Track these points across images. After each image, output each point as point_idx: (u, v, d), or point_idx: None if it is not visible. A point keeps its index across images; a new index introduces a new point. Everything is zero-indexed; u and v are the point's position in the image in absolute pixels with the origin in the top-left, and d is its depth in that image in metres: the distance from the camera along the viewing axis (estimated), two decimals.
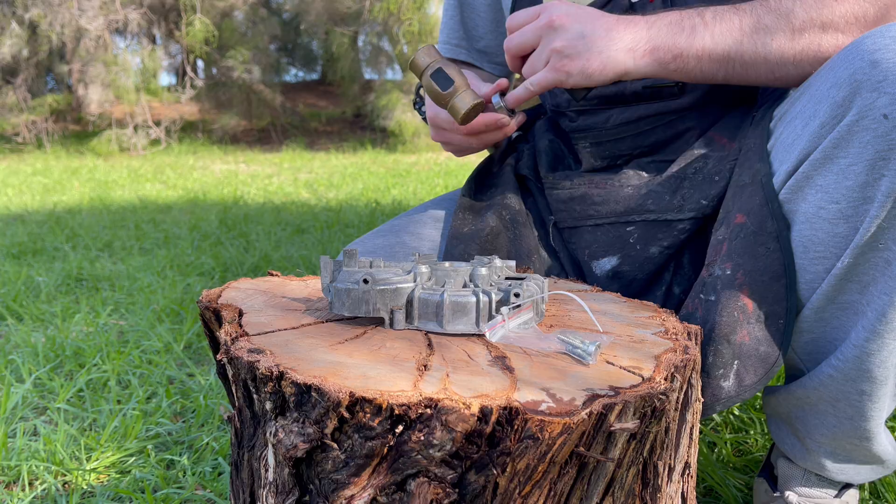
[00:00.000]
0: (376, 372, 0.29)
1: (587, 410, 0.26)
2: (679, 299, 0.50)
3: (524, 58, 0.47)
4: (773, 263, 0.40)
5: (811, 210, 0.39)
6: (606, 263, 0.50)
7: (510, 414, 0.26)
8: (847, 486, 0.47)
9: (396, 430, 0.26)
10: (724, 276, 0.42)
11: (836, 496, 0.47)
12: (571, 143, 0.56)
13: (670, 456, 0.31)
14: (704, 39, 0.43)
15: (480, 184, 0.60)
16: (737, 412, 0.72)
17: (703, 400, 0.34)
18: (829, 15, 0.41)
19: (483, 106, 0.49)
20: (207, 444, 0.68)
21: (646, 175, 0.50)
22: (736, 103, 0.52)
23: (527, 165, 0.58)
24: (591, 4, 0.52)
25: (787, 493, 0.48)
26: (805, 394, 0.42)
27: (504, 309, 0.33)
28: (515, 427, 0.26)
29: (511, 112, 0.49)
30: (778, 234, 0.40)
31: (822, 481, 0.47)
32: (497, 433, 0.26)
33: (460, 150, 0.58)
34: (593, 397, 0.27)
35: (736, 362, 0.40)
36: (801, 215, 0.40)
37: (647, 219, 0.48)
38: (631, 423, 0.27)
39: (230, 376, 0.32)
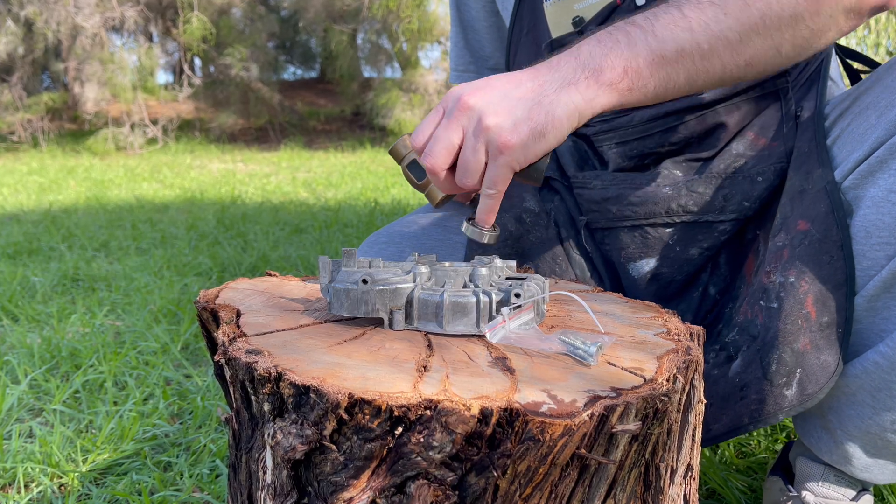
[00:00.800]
0: (375, 373, 0.28)
1: (588, 412, 0.26)
2: (714, 300, 0.49)
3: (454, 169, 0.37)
4: (837, 272, 0.40)
5: (880, 194, 0.38)
6: (644, 265, 0.49)
7: (511, 415, 0.25)
8: (863, 490, 0.47)
9: (396, 432, 0.26)
10: (787, 284, 0.41)
11: (852, 499, 0.46)
12: (594, 145, 0.55)
13: (672, 458, 0.31)
14: (648, 42, 0.36)
15: None
16: None
17: (704, 401, 0.34)
18: None
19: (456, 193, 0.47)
20: (205, 445, 0.67)
21: (681, 174, 0.49)
22: (764, 94, 0.49)
23: (550, 167, 0.57)
24: (596, 16, 0.50)
25: (804, 491, 0.47)
26: (845, 382, 0.42)
27: (504, 309, 0.33)
28: (516, 429, 0.25)
29: (492, 228, 0.40)
30: (842, 243, 0.40)
31: (842, 481, 0.46)
32: (497, 435, 0.26)
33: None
34: (595, 399, 0.27)
35: (799, 370, 0.40)
36: (868, 200, 0.39)
37: (686, 220, 0.47)
38: (633, 425, 0.27)
39: (228, 377, 0.32)
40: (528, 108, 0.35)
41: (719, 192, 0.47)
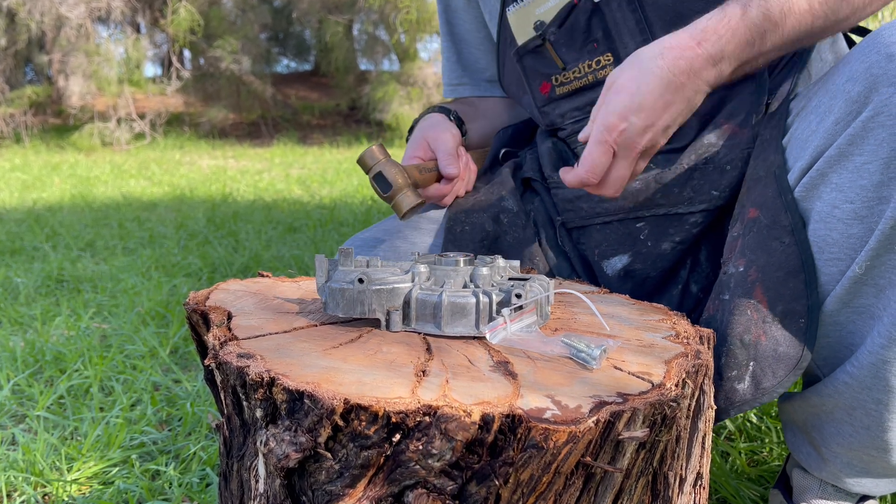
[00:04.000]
0: (372, 378, 0.27)
1: (594, 418, 0.25)
2: (697, 298, 0.48)
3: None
4: (790, 259, 0.38)
5: (825, 209, 0.38)
6: (617, 262, 0.49)
7: (513, 422, 0.25)
8: (865, 497, 0.46)
9: (393, 439, 0.25)
10: (736, 274, 0.40)
11: None
12: (570, 147, 0.55)
13: (681, 466, 0.30)
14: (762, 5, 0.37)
15: (474, 186, 0.58)
16: (754, 419, 0.70)
17: (714, 406, 0.33)
18: None
19: (423, 204, 0.50)
20: (195, 453, 0.66)
21: (654, 167, 0.48)
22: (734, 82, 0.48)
23: (531, 168, 0.57)
24: (555, 17, 0.49)
25: None
26: (821, 401, 0.41)
27: (505, 310, 0.32)
28: (518, 436, 0.25)
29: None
30: (793, 228, 0.39)
31: (839, 493, 0.46)
32: (499, 442, 0.25)
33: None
34: (600, 404, 0.26)
35: (752, 363, 0.39)
36: (815, 214, 0.39)
37: (656, 213, 0.47)
38: (640, 432, 0.26)
39: (219, 382, 0.31)
40: (678, 103, 0.39)
41: (688, 184, 0.46)
